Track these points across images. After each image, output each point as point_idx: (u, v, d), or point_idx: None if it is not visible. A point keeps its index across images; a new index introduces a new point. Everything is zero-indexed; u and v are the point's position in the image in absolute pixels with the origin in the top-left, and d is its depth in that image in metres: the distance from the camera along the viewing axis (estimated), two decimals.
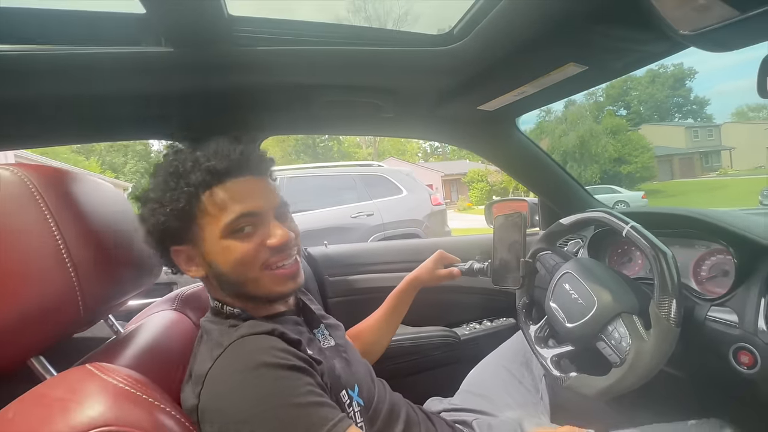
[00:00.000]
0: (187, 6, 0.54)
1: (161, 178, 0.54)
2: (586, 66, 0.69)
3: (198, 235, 0.55)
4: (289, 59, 0.69)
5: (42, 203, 0.46)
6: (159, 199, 0.53)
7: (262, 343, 0.50)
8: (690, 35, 0.53)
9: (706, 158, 27.56)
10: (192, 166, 0.53)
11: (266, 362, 0.47)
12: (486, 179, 20.79)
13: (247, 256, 0.54)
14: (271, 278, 0.57)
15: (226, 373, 0.47)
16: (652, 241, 0.69)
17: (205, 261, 0.56)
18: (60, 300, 0.45)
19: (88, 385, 0.38)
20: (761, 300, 0.67)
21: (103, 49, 0.59)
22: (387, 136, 5.30)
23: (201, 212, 0.54)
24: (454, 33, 0.71)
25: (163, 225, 0.53)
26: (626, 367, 0.67)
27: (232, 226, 0.54)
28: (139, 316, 0.75)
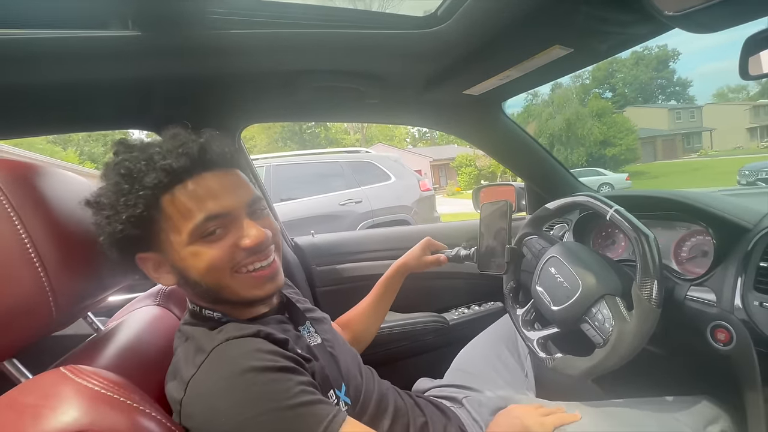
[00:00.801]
0: None
1: (113, 181, 0.48)
2: (571, 48, 0.68)
3: (163, 240, 0.50)
4: (268, 43, 0.66)
5: (4, 200, 0.43)
6: (113, 204, 0.47)
7: (247, 347, 0.47)
8: (674, 16, 0.52)
9: (687, 139, 28.16)
10: (146, 166, 0.47)
11: (254, 366, 0.44)
12: (474, 164, 20.83)
13: (219, 261, 0.50)
14: (247, 281, 0.52)
15: (211, 380, 0.44)
16: (634, 224, 0.70)
17: (174, 267, 0.51)
18: (30, 301, 0.43)
19: (61, 389, 0.36)
20: (737, 279, 0.69)
21: (69, 33, 0.55)
22: (373, 122, 5.25)
23: (163, 217, 0.49)
24: (438, 15, 0.69)
25: (121, 234, 0.47)
26: (609, 347, 0.68)
27: (199, 231, 0.49)
28: (121, 312, 0.74)
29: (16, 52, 0.56)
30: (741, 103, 28.56)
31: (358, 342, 0.87)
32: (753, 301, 0.66)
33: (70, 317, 0.52)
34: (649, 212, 0.91)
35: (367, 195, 4.00)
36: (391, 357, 1.19)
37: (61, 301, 0.45)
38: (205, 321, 0.54)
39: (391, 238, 1.38)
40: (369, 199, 3.99)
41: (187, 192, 0.49)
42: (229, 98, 0.82)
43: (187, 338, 0.52)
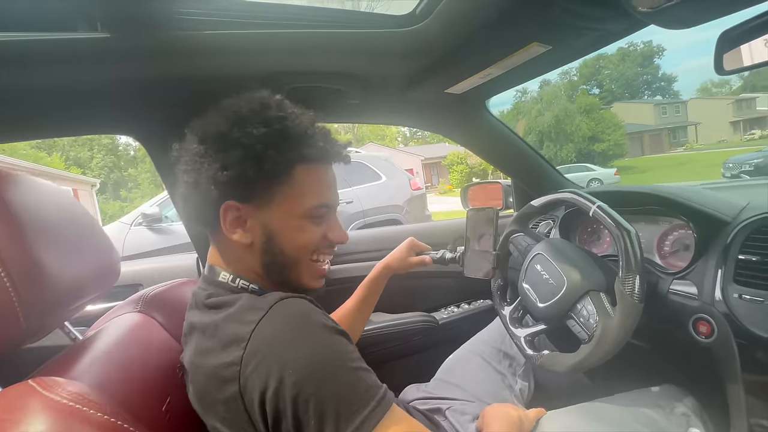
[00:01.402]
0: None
1: (263, 130, 0.49)
2: (549, 46, 0.68)
3: (274, 202, 0.51)
4: (242, 44, 0.65)
5: None
6: (256, 152, 0.48)
7: (305, 306, 0.47)
8: (648, 12, 0.53)
9: (673, 134, 28.68)
10: (304, 137, 0.51)
11: (317, 322, 0.45)
12: (466, 162, 20.93)
13: (312, 242, 0.54)
14: (312, 270, 0.56)
15: (277, 331, 0.43)
16: (616, 220, 0.70)
17: (264, 229, 0.52)
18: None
19: (28, 402, 0.35)
20: (718, 272, 0.70)
21: (36, 36, 0.54)
22: (356, 123, 5.23)
23: (290, 182, 0.51)
24: (416, 13, 0.69)
25: (244, 177, 0.48)
26: (594, 343, 0.69)
27: (313, 212, 0.53)
28: (100, 321, 0.72)
29: None
30: (724, 98, 29.18)
31: None
32: (732, 294, 0.67)
33: (43, 328, 0.50)
34: (632, 207, 0.92)
35: (358, 195, 3.99)
36: (381, 359, 1.18)
37: (30, 311, 0.44)
38: (237, 291, 0.53)
39: (380, 238, 1.38)
40: (360, 199, 3.98)
41: (320, 174, 0.54)
42: (204, 100, 0.80)
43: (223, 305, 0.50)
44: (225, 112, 0.52)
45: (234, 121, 0.50)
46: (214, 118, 0.52)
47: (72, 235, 0.55)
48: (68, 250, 0.53)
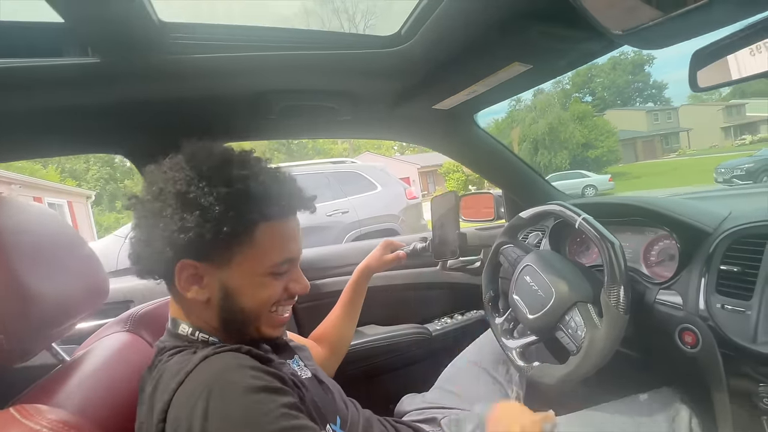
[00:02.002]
0: (110, 13, 0.50)
1: (224, 190, 0.47)
2: (530, 65, 0.70)
3: (233, 261, 0.50)
4: (232, 66, 0.67)
5: None
6: (215, 214, 0.46)
7: (225, 363, 0.45)
8: (622, 34, 0.55)
9: (666, 140, 29.03)
10: (267, 197, 0.49)
11: (239, 384, 0.42)
12: (462, 169, 21.04)
13: (273, 297, 0.53)
14: (271, 321, 0.55)
15: (189, 404, 0.41)
16: (601, 232, 0.72)
17: (223, 287, 0.51)
18: None
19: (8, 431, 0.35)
20: (701, 281, 0.71)
21: (23, 62, 0.55)
22: (347, 138, 5.26)
23: (250, 241, 0.49)
24: (401, 34, 0.71)
25: (201, 238, 0.46)
26: (582, 354, 0.69)
27: (278, 268, 0.52)
28: (89, 340, 0.71)
29: None
30: (714, 104, 29.62)
31: (335, 352, 0.86)
32: (715, 304, 0.68)
33: (28, 350, 0.50)
34: (618, 218, 0.94)
35: (354, 205, 4.01)
36: (375, 371, 1.18)
37: (13, 334, 0.44)
38: (190, 344, 0.52)
39: (369, 250, 1.38)
40: (356, 209, 4.00)
41: (282, 229, 0.52)
42: (197, 120, 0.82)
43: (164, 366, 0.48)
44: (184, 167, 0.49)
45: (193, 178, 0.47)
46: (171, 173, 0.49)
47: (58, 256, 0.56)
48: (54, 271, 0.53)
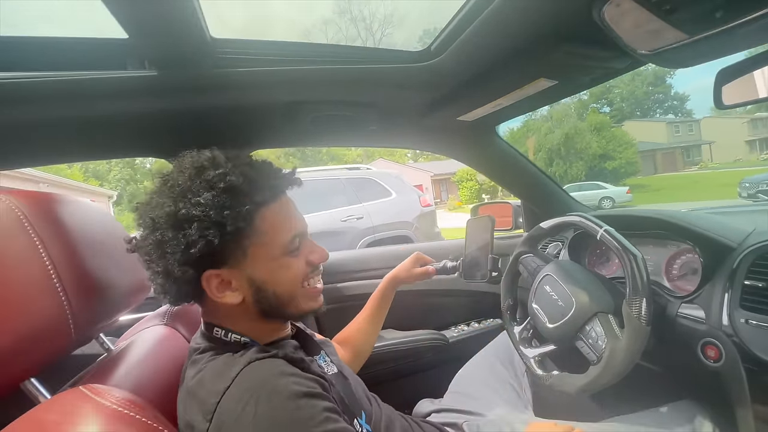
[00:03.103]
0: (170, 30, 0.55)
1: (208, 195, 0.48)
2: (555, 81, 0.73)
3: (245, 255, 0.52)
4: (271, 78, 0.71)
5: (31, 230, 0.47)
6: (212, 219, 0.47)
7: (274, 370, 0.48)
8: (647, 54, 0.57)
9: (687, 152, 28.31)
10: (250, 183, 0.50)
11: (283, 390, 0.45)
12: (475, 178, 20.93)
13: (299, 273, 0.56)
14: (307, 295, 0.58)
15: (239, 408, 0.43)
16: (623, 244, 0.73)
17: (252, 282, 0.53)
18: (52, 323, 0.46)
19: (82, 407, 0.39)
20: (724, 296, 0.72)
21: (89, 74, 0.60)
22: (372, 147, 5.34)
23: (254, 232, 0.51)
24: (431, 50, 0.74)
25: (211, 246, 0.47)
26: (603, 364, 0.70)
27: (290, 246, 0.54)
28: (130, 332, 0.76)
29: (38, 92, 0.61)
30: (739, 117, 28.80)
31: (357, 356, 0.89)
32: (739, 318, 0.68)
33: (86, 338, 0.55)
34: (640, 231, 0.94)
35: (369, 211, 4.05)
36: (392, 375, 1.20)
37: (80, 323, 0.48)
38: (226, 346, 0.54)
39: (392, 255, 1.41)
40: (370, 215, 4.04)
41: (280, 210, 0.54)
42: (236, 127, 0.87)
43: (204, 366, 0.51)
44: (163, 191, 0.50)
45: (177, 195, 0.49)
46: (155, 201, 0.50)
47: (113, 252, 0.60)
48: (111, 266, 0.58)
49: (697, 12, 0.47)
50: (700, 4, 0.46)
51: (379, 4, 24.89)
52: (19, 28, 1.80)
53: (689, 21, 0.49)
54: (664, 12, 0.48)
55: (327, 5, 26.66)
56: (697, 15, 0.47)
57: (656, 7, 0.47)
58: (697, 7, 0.46)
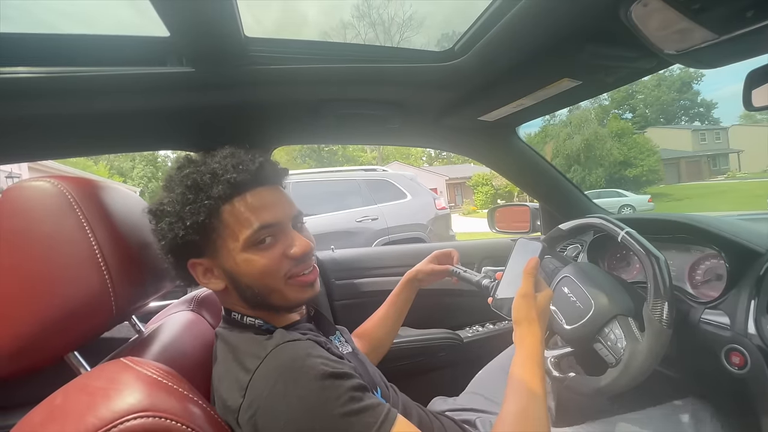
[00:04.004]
0: (208, 29, 0.58)
1: (179, 191, 0.53)
2: (579, 81, 0.73)
3: (218, 247, 0.55)
4: (300, 77, 0.74)
5: (80, 212, 0.50)
6: (177, 213, 0.53)
7: (300, 351, 0.50)
8: (675, 54, 0.57)
9: (713, 161, 27.34)
10: (211, 179, 0.53)
11: (311, 369, 0.47)
12: (491, 183, 20.76)
13: (269, 267, 0.55)
14: (293, 288, 0.58)
15: (270, 384, 0.47)
16: (645, 246, 0.72)
17: (226, 273, 0.56)
18: (96, 300, 0.50)
19: (125, 376, 0.42)
20: (750, 302, 0.70)
21: (130, 70, 0.64)
22: (393, 145, 5.38)
23: (221, 225, 0.54)
24: (455, 50, 0.76)
25: (182, 239, 0.53)
26: (621, 367, 0.70)
27: (253, 239, 0.54)
28: (159, 316, 0.80)
29: (81, 86, 0.65)
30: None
31: (374, 351, 0.90)
32: (766, 325, 0.67)
33: (123, 317, 0.59)
34: (663, 235, 0.93)
35: (383, 212, 4.07)
36: (407, 372, 1.21)
37: (120, 302, 0.52)
38: (246, 328, 0.58)
39: (409, 254, 1.42)
40: (385, 216, 4.06)
41: (245, 203, 0.55)
42: (263, 123, 0.90)
43: (233, 345, 0.55)
44: (162, 185, 0.58)
45: (165, 190, 0.56)
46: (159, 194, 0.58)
47: (150, 238, 0.64)
48: (148, 251, 0.62)
49: (727, 11, 0.47)
50: (730, 3, 0.46)
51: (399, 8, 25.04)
52: (57, 28, 1.92)
53: (719, 20, 0.49)
54: (693, 11, 0.48)
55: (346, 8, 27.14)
56: (727, 14, 0.47)
57: (685, 6, 0.47)
58: (727, 6, 0.46)
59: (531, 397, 0.54)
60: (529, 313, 0.61)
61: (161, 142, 0.91)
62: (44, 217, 0.49)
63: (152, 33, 0.64)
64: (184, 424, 0.40)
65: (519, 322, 0.62)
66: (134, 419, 0.37)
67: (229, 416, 0.49)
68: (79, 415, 0.37)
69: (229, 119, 0.84)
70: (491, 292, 0.78)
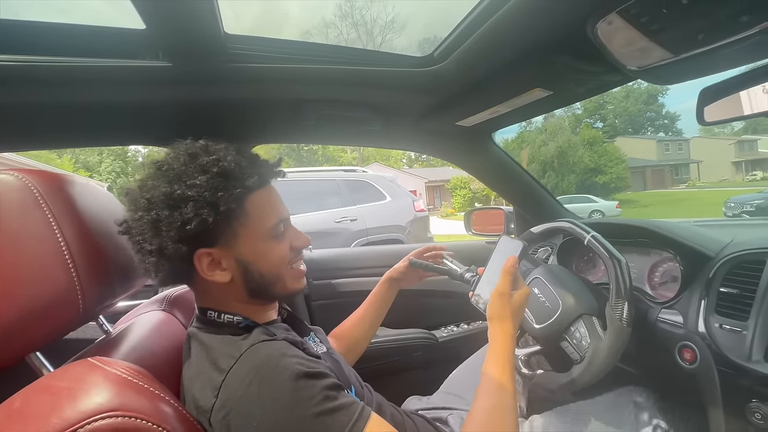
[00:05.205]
0: (186, 24, 0.57)
1: (202, 177, 0.52)
2: (551, 91, 0.77)
3: (238, 236, 0.56)
4: (280, 76, 0.74)
5: (46, 208, 0.48)
6: (207, 199, 0.51)
7: (276, 351, 0.50)
8: (637, 70, 0.61)
9: (676, 170, 28.97)
10: (240, 169, 0.55)
11: (285, 369, 0.47)
12: (469, 186, 21.14)
13: (283, 256, 0.60)
14: (294, 275, 0.62)
15: (244, 385, 0.47)
16: (608, 249, 0.77)
17: (238, 262, 0.57)
18: (62, 299, 0.48)
19: (92, 376, 0.41)
20: (701, 303, 0.76)
21: (104, 62, 0.62)
22: (372, 147, 5.40)
23: (244, 215, 0.55)
24: (434, 56, 0.78)
25: (205, 223, 0.51)
26: (585, 363, 0.74)
27: (275, 230, 0.58)
28: (128, 316, 0.77)
29: (53, 76, 0.62)
30: (726, 138, 29.62)
31: (350, 352, 0.90)
32: (714, 323, 0.72)
33: (90, 317, 0.56)
34: (626, 239, 0.99)
35: (363, 213, 4.07)
36: (381, 372, 1.22)
37: (87, 300, 0.50)
38: (222, 327, 0.57)
39: (386, 254, 1.44)
40: (364, 217, 4.06)
41: (267, 196, 0.59)
42: (242, 121, 0.89)
43: (206, 344, 0.54)
44: (158, 175, 0.54)
45: (172, 178, 0.52)
46: (150, 183, 0.53)
47: (120, 236, 0.62)
48: (118, 248, 0.60)
49: (681, 33, 0.51)
50: (683, 27, 0.50)
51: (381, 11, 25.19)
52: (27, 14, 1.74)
53: (675, 41, 0.53)
54: (651, 32, 0.52)
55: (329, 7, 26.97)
56: (682, 36, 0.51)
57: (644, 27, 0.51)
58: (681, 28, 0.50)
59: (501, 392, 0.57)
60: (503, 311, 0.63)
61: (134, 138, 0.88)
62: (8, 212, 0.46)
63: (127, 25, 0.63)
64: (155, 424, 0.39)
65: (492, 319, 0.64)
66: (102, 419, 0.36)
67: (201, 417, 0.48)
68: (41, 416, 0.36)
69: (206, 116, 0.83)
70: (472, 287, 0.79)
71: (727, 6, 0.45)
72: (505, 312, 0.63)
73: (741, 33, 0.48)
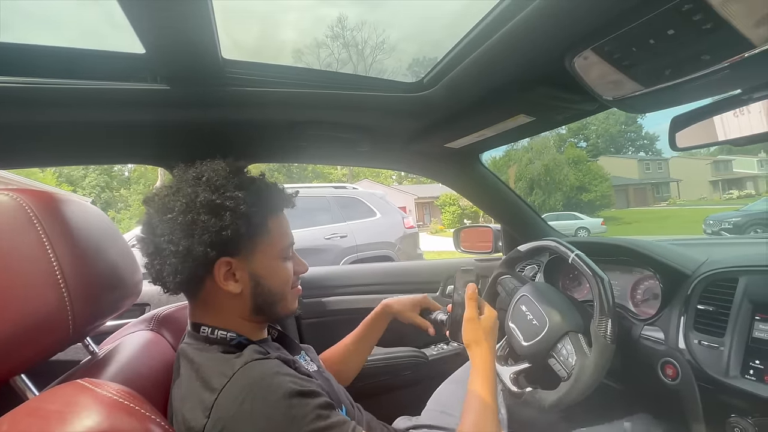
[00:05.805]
0: (185, 50, 0.60)
1: (241, 194, 0.56)
2: (533, 117, 0.81)
3: (257, 250, 0.59)
4: (275, 99, 0.76)
5: (40, 227, 0.48)
6: (242, 212, 0.55)
7: (270, 370, 0.51)
8: (611, 100, 0.66)
9: (657, 189, 29.88)
10: (271, 193, 0.62)
11: (278, 388, 0.48)
12: (458, 203, 21.35)
13: (290, 276, 0.64)
14: (293, 296, 0.67)
15: (238, 401, 0.47)
16: (592, 268, 0.80)
17: (251, 276, 0.59)
18: (52, 319, 0.47)
19: (82, 398, 0.40)
20: (680, 319, 0.79)
21: (104, 84, 0.64)
22: (363, 167, 5.50)
23: (267, 233, 0.60)
24: (423, 82, 0.81)
25: (237, 233, 0.55)
26: (572, 380, 0.75)
27: (286, 251, 0.63)
28: (114, 336, 0.76)
29: (55, 98, 0.64)
30: (703, 158, 30.80)
31: (339, 377, 0.89)
32: (693, 340, 0.75)
33: (79, 337, 0.56)
34: (609, 257, 1.02)
35: (352, 230, 4.08)
36: (371, 391, 1.20)
37: (77, 321, 0.50)
38: (214, 344, 0.57)
39: (377, 273, 1.44)
40: (354, 234, 4.06)
41: (283, 220, 0.65)
42: (238, 141, 0.91)
43: (197, 363, 0.54)
44: (198, 183, 0.57)
45: (213, 188, 0.56)
46: (189, 189, 0.56)
47: (111, 254, 0.62)
48: (109, 268, 0.60)
49: (649, 68, 0.55)
50: (651, 63, 0.54)
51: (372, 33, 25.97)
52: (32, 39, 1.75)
53: (644, 75, 0.57)
54: (623, 66, 0.56)
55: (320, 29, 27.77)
56: (650, 70, 0.56)
57: (617, 62, 0.55)
58: (649, 64, 0.55)
59: (484, 410, 0.62)
60: (476, 335, 0.69)
61: (131, 157, 0.89)
62: (2, 232, 0.46)
63: (127, 49, 0.65)
64: None
65: (468, 344, 0.70)
66: None
67: None
68: None
69: (202, 136, 0.85)
70: (447, 325, 0.80)
71: (689, 47, 0.49)
72: (478, 335, 0.69)
73: (703, 70, 0.52)
